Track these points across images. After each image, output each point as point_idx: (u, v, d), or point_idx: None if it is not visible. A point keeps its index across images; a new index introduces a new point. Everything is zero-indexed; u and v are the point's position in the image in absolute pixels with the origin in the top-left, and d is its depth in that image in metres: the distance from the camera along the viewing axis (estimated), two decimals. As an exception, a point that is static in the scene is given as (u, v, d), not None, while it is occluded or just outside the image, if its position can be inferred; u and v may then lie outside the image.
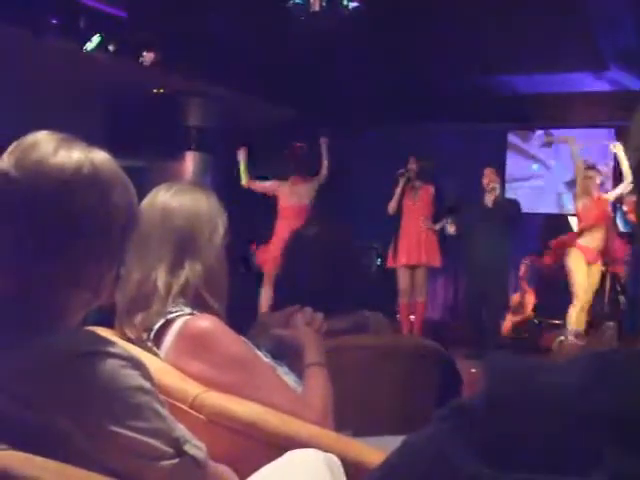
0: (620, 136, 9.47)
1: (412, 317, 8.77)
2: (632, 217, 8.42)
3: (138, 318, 2.01)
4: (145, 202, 2.09)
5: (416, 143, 9.59)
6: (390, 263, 8.76)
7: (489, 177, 8.17)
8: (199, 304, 2.04)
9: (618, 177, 9.64)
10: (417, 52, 7.94)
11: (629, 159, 0.68)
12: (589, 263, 7.81)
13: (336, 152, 9.21)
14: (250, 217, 8.78)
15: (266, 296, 8.41)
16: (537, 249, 9.44)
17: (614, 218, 9.14)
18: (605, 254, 7.91)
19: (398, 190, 8.56)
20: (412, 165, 8.59)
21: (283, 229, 8.23)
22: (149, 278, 2.02)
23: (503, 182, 8.53)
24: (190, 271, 2.03)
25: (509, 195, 9.11)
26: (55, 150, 1.41)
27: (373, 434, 2.16)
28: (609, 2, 6.46)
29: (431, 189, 8.65)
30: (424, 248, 8.55)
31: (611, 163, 9.77)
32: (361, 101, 9.30)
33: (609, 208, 8.11)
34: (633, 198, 0.67)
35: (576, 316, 7.74)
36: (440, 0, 6.70)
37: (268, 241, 8.64)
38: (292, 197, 8.60)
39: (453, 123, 9.92)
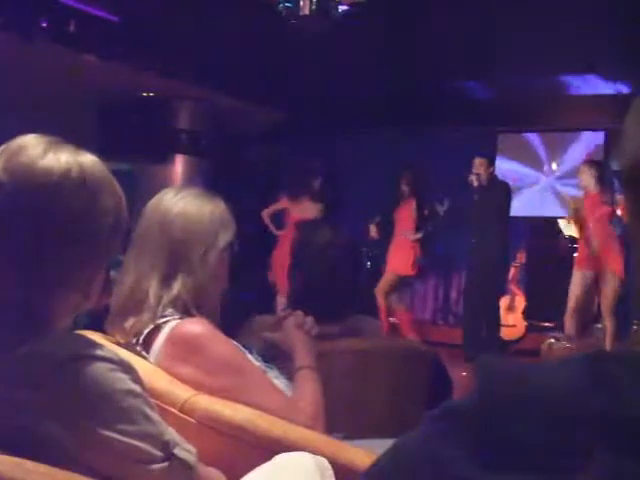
0: (611, 140, 9.49)
1: (392, 319, 8.83)
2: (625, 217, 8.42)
3: (129, 322, 2.00)
4: (150, 204, 2.08)
5: (406, 146, 9.60)
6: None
7: (475, 168, 8.17)
8: (188, 313, 2.03)
9: (606, 181, 9.68)
10: (407, 56, 7.96)
11: (619, 164, 0.68)
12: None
13: (325, 156, 9.22)
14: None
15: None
16: (526, 252, 9.45)
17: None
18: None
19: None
20: (406, 183, 8.66)
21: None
22: (142, 285, 2.01)
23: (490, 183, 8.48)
24: (182, 285, 2.01)
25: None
26: (43, 153, 1.41)
27: (364, 437, 2.16)
28: (598, 6, 6.48)
29: (413, 203, 8.75)
30: (398, 258, 8.64)
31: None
32: (351, 105, 9.30)
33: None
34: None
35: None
36: (432, 4, 6.71)
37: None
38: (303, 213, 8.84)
39: (443, 126, 9.93)
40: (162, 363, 1.95)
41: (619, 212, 8.29)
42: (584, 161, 8.06)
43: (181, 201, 2.07)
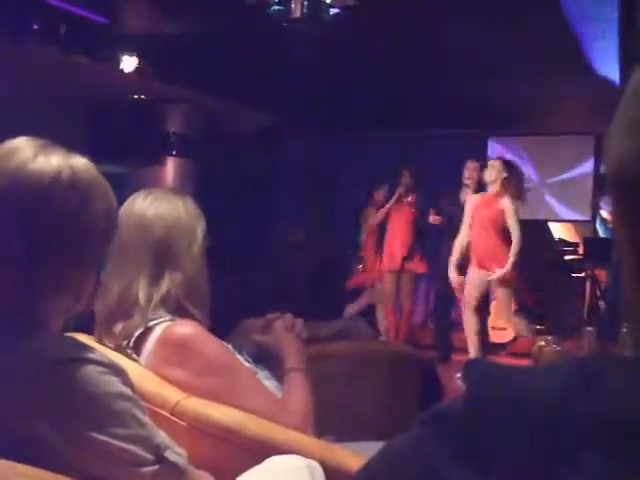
0: (600, 144, 9.53)
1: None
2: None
3: (118, 327, 2.00)
4: (122, 210, 2.08)
5: (397, 150, 9.61)
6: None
7: (468, 171, 8.10)
8: (180, 313, 2.03)
9: (599, 182, 9.72)
10: (399, 59, 7.97)
11: (605, 168, 0.68)
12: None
13: (318, 158, 9.22)
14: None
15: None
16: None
17: (593, 224, 9.19)
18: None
19: (390, 203, 8.58)
20: (405, 180, 8.61)
21: None
22: (130, 289, 2.01)
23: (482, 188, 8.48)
24: (171, 281, 2.02)
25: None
26: (34, 156, 1.40)
27: (355, 439, 2.16)
28: (592, 8, 6.49)
29: (414, 199, 8.70)
30: (410, 254, 8.60)
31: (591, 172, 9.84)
32: (342, 107, 9.31)
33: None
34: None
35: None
36: (421, 7, 6.72)
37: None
38: None
39: (433, 129, 9.95)
40: (153, 365, 1.95)
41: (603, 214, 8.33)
42: (497, 157, 7.70)
43: (153, 202, 2.09)
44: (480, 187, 8.14)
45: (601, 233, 9.25)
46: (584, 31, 7.00)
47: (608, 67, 8.00)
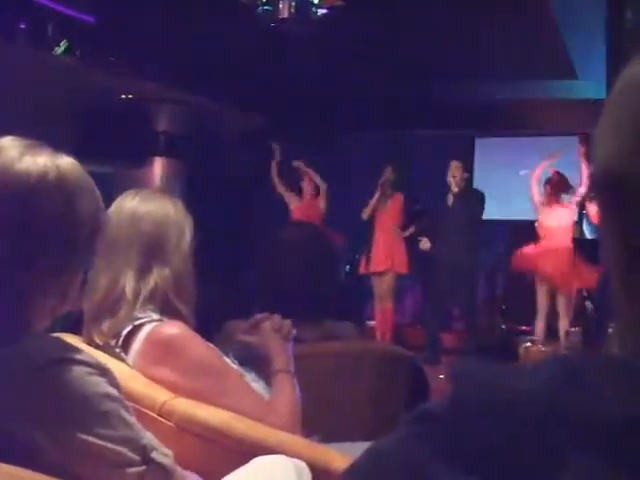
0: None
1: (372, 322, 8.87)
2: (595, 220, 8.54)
3: (106, 324, 2.00)
4: (112, 208, 2.09)
5: (385, 150, 9.61)
6: (363, 270, 8.82)
7: (451, 171, 8.16)
8: (167, 310, 2.03)
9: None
10: (386, 59, 7.98)
11: (591, 169, 0.69)
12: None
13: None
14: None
15: None
16: (504, 255, 9.49)
17: (580, 225, 9.22)
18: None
19: (375, 197, 8.59)
20: (388, 175, 8.62)
21: None
22: (117, 284, 2.01)
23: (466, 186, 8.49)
24: (158, 276, 2.03)
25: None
26: (20, 156, 1.40)
27: (341, 440, 2.16)
28: (579, 11, 6.52)
29: (401, 198, 8.70)
30: (392, 255, 8.61)
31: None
32: (331, 109, 9.31)
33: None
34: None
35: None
36: (408, 9, 6.73)
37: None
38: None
39: (421, 130, 9.95)
40: (140, 365, 1.95)
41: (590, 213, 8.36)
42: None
43: (143, 201, 2.12)
44: (462, 189, 8.17)
45: (588, 234, 9.27)
46: (572, 32, 7.02)
47: (596, 68, 8.03)
